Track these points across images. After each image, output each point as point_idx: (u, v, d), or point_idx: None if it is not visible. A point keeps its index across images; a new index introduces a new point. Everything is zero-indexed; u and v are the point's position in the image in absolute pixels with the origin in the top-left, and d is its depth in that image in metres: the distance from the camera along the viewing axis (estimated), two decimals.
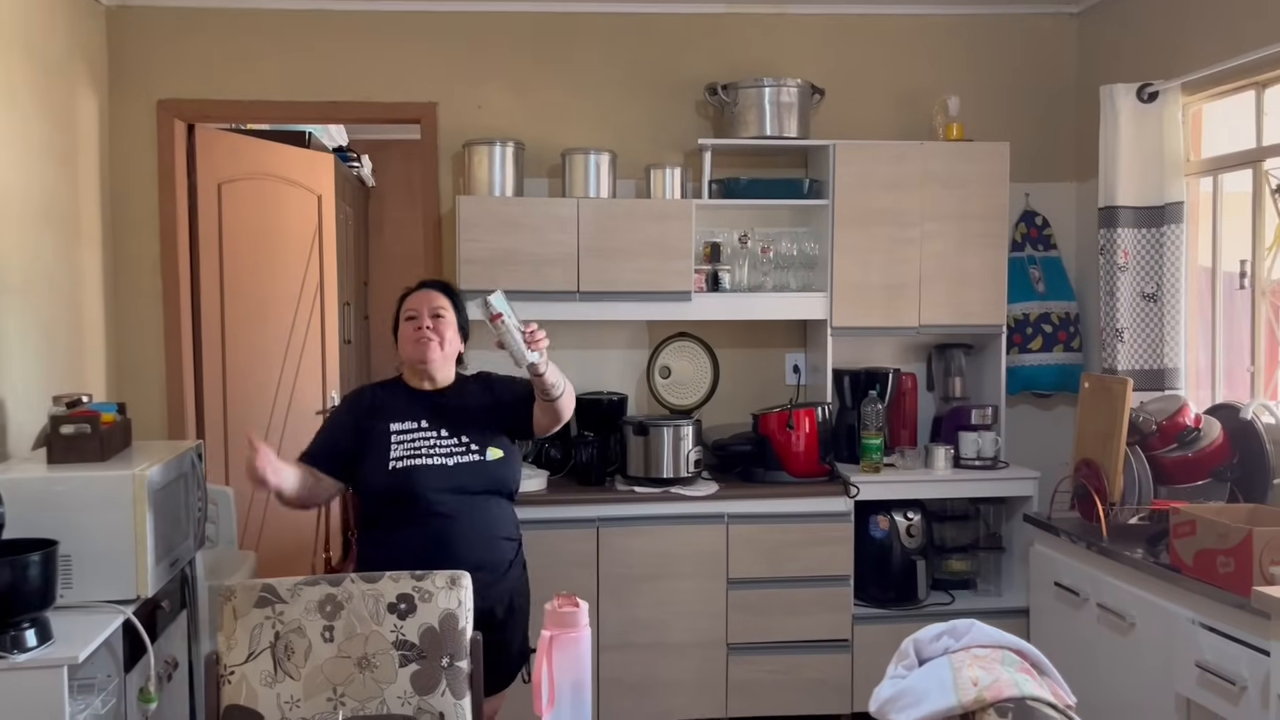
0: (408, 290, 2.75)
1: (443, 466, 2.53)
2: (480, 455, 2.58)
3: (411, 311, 2.66)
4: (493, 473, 2.59)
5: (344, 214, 5.47)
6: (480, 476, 2.56)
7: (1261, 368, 3.32)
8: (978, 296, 3.84)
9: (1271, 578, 2.38)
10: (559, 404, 2.59)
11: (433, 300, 2.67)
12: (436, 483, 2.51)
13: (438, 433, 2.59)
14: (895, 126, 4.08)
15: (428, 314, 2.64)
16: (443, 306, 2.67)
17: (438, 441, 2.57)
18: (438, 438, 2.58)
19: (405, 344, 2.65)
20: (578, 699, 1.69)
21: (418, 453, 2.54)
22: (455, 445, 2.57)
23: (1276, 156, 3.24)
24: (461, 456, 2.56)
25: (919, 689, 1.50)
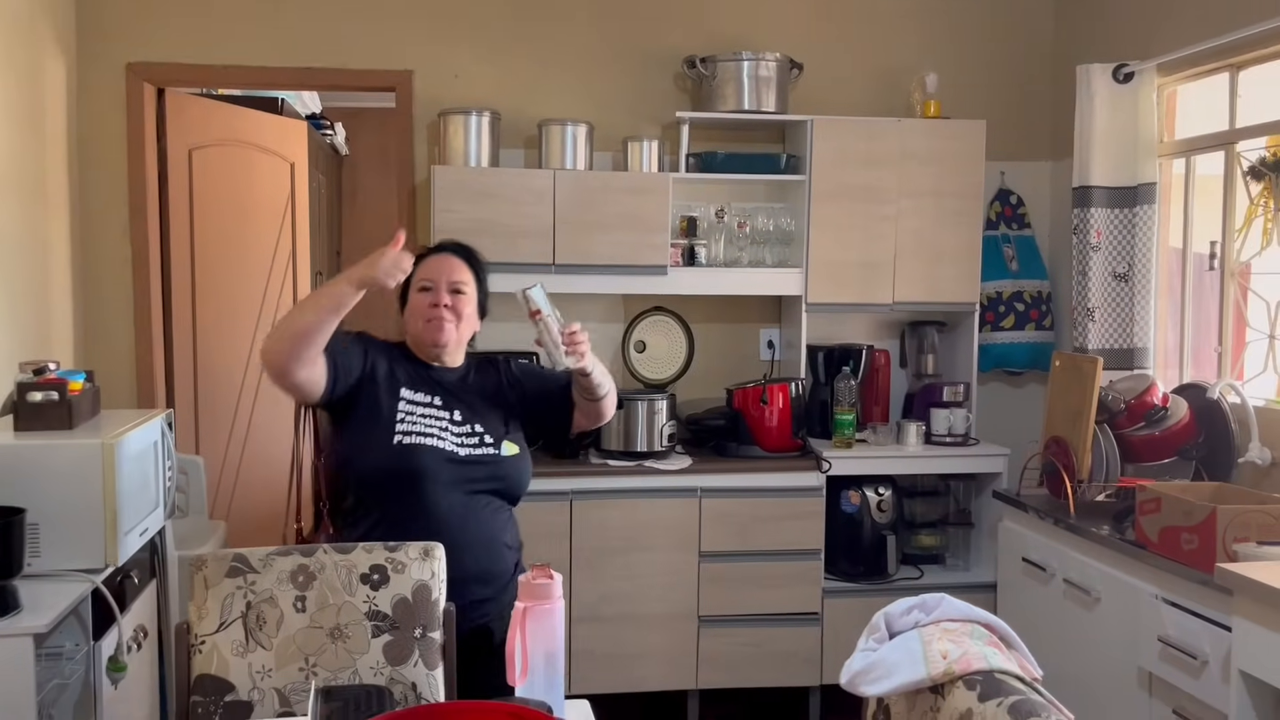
0: (424, 251, 2.36)
1: (453, 455, 2.20)
2: (494, 449, 2.24)
3: (426, 281, 2.26)
4: (505, 472, 2.26)
5: (317, 182, 5.41)
6: (491, 474, 2.24)
7: (1229, 348, 3.36)
8: (952, 274, 3.86)
9: (1234, 555, 2.43)
10: (602, 405, 2.32)
11: (453, 271, 2.28)
12: (444, 471, 2.17)
13: (450, 415, 2.24)
14: (873, 103, 4.08)
15: (445, 288, 2.26)
16: (464, 281, 2.29)
17: (450, 425, 2.23)
18: (450, 421, 2.24)
19: (415, 319, 2.27)
20: (550, 669, 1.70)
21: (429, 431, 2.20)
22: (467, 434, 2.24)
23: (1249, 139, 3.27)
24: (474, 448, 2.23)
25: (889, 661, 1.51)
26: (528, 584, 1.70)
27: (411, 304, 2.29)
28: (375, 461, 2.18)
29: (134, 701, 2.73)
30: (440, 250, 2.36)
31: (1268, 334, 3.22)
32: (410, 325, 2.29)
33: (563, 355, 2.14)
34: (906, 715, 1.53)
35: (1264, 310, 3.24)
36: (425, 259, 2.32)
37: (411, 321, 2.29)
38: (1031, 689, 1.39)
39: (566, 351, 2.14)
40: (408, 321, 2.30)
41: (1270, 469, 3.01)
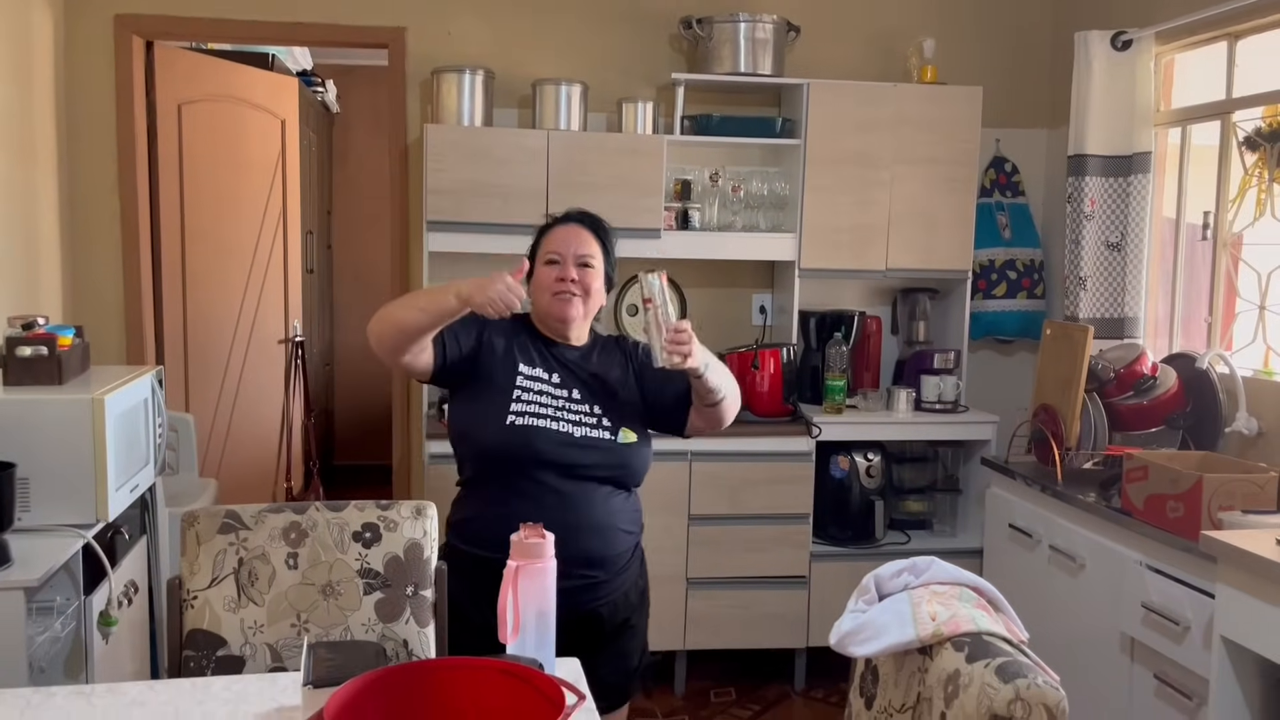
0: (550, 221, 2.31)
1: (569, 436, 2.14)
2: (612, 435, 2.18)
3: (554, 255, 2.22)
4: (621, 459, 2.19)
5: (308, 140, 5.36)
6: (606, 460, 2.17)
7: (1219, 319, 3.37)
8: (945, 241, 3.86)
9: (1219, 523, 2.45)
10: (720, 409, 2.22)
11: (581, 244, 2.24)
12: (559, 453, 2.12)
13: (569, 393, 2.19)
14: (870, 67, 4.05)
15: (573, 261, 2.21)
16: (591, 254, 2.24)
17: (568, 404, 2.18)
18: (568, 399, 2.18)
19: (541, 293, 2.21)
20: (542, 627, 1.71)
21: (544, 411, 2.15)
22: (586, 414, 2.18)
23: (1245, 109, 3.26)
24: (590, 430, 2.16)
25: (879, 623, 1.53)
26: (519, 543, 1.70)
27: (538, 278, 2.23)
28: (489, 438, 2.14)
29: (125, 656, 2.74)
30: (566, 220, 2.29)
31: (1258, 305, 3.23)
32: (536, 299, 2.24)
33: (660, 352, 2.05)
34: (894, 675, 1.55)
35: (1255, 281, 3.25)
36: (551, 230, 2.28)
37: (538, 296, 2.23)
38: (1018, 651, 1.41)
39: (666, 349, 2.04)
40: (534, 295, 2.24)
41: (1256, 439, 3.03)
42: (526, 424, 2.13)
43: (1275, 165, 3.15)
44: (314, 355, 5.62)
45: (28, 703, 1.66)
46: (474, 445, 2.20)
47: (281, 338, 4.73)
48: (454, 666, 1.49)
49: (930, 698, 1.43)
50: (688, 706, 3.64)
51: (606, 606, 2.22)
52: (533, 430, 2.12)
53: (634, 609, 2.31)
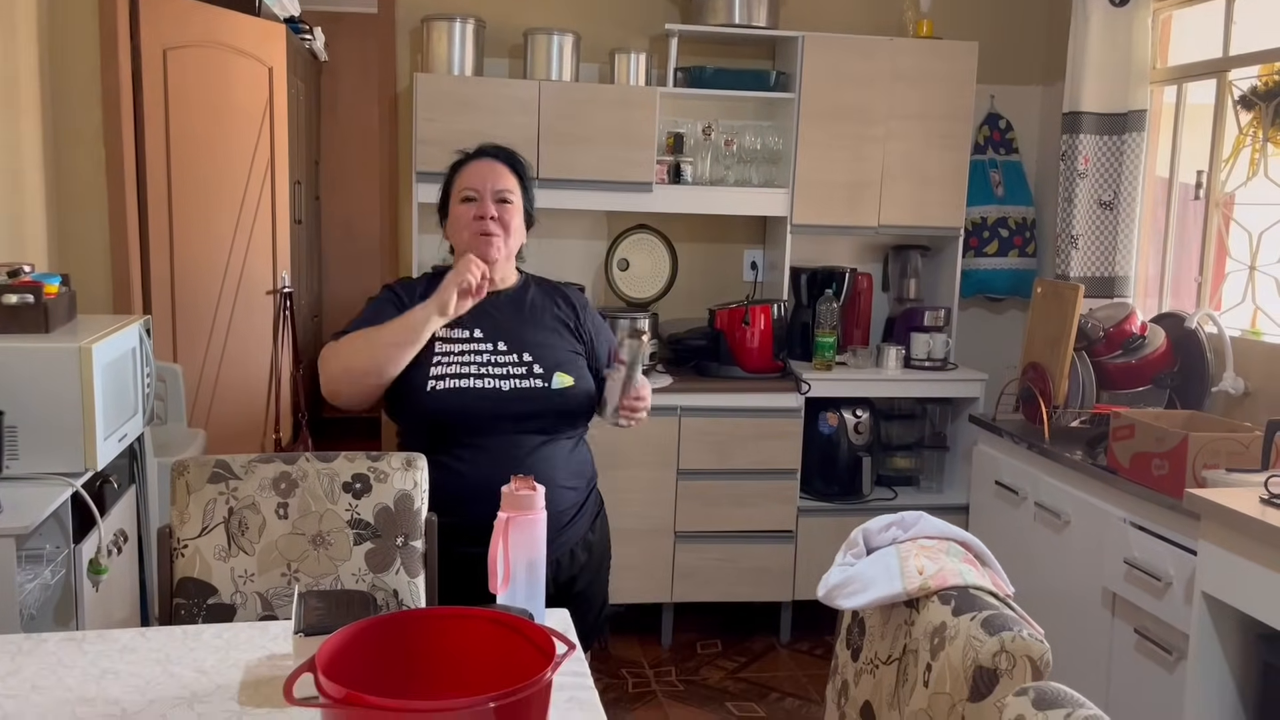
0: (462, 157, 2.17)
1: (496, 391, 2.05)
2: (545, 382, 2.08)
3: (470, 191, 2.10)
4: (556, 406, 2.09)
5: (295, 89, 5.28)
6: (540, 409, 2.07)
7: (1209, 278, 3.38)
8: (937, 198, 3.85)
9: (1203, 481, 2.47)
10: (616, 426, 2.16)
11: (498, 178, 2.12)
12: (486, 411, 2.04)
13: (493, 345, 2.09)
14: (865, 20, 4.01)
15: (490, 197, 2.10)
16: (509, 189, 2.13)
17: (493, 358, 2.08)
18: (493, 353, 2.08)
19: (459, 232, 2.11)
20: (532, 578, 1.72)
21: (465, 371, 2.05)
22: (514, 365, 2.08)
23: (1242, 67, 3.24)
24: (520, 380, 2.06)
25: (867, 576, 1.54)
26: (510, 495, 1.71)
27: (454, 216, 2.12)
28: (412, 410, 2.08)
29: (115, 603, 2.75)
30: (480, 155, 2.16)
31: (1248, 265, 3.24)
32: (455, 240, 2.14)
33: (614, 410, 2.09)
34: (881, 628, 1.57)
35: (1246, 241, 3.25)
36: (465, 166, 2.15)
37: (455, 236, 2.13)
38: (1004, 605, 1.42)
39: (622, 412, 2.08)
40: (451, 237, 2.15)
41: (1242, 398, 3.05)
42: (449, 387, 2.05)
43: (1270, 125, 3.14)
44: (302, 306, 5.59)
45: (19, 648, 1.66)
46: (401, 414, 2.14)
47: (270, 289, 4.70)
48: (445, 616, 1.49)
49: (916, 650, 1.45)
50: (674, 658, 3.68)
51: (565, 560, 2.17)
52: (456, 393, 2.04)
53: (582, 568, 2.21)
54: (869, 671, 1.58)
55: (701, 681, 3.52)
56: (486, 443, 2.07)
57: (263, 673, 1.61)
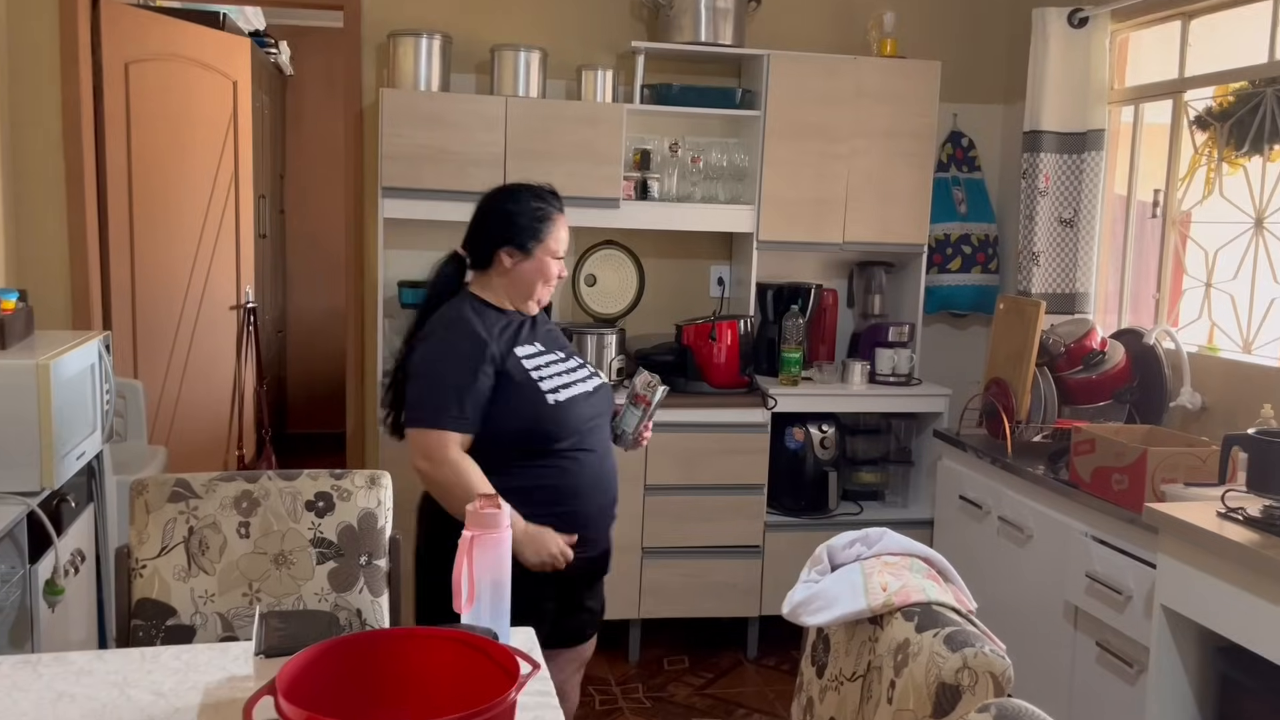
0: (547, 199, 2.33)
1: (589, 394, 2.30)
2: (602, 379, 2.39)
3: (562, 252, 2.34)
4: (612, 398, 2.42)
5: (260, 102, 5.25)
6: (609, 402, 2.38)
7: (1166, 295, 3.44)
8: (901, 215, 3.88)
9: (1162, 495, 2.51)
10: None
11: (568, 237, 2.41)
12: (593, 411, 2.30)
13: (562, 356, 2.34)
14: (830, 39, 4.05)
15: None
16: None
17: (568, 366, 2.33)
18: (562, 361, 2.32)
19: (536, 281, 2.29)
20: (497, 597, 1.71)
21: (566, 381, 2.28)
22: (582, 369, 2.35)
23: (1197, 88, 3.30)
24: (595, 381, 2.35)
25: (831, 593, 1.55)
26: (475, 513, 1.70)
27: (542, 269, 2.30)
28: (537, 423, 2.21)
29: (72, 625, 2.70)
30: (560, 207, 2.37)
31: (1204, 282, 3.30)
32: (527, 284, 2.30)
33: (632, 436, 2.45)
34: (846, 645, 1.57)
35: (1202, 259, 3.31)
36: (555, 220, 2.32)
37: (530, 281, 2.30)
38: (966, 620, 1.43)
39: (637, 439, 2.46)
40: (527, 277, 2.29)
41: (1200, 413, 3.10)
42: (569, 396, 2.26)
43: (1224, 145, 3.20)
44: (266, 322, 5.54)
45: None
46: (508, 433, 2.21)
47: (233, 304, 4.66)
48: (407, 636, 1.48)
49: (880, 666, 1.45)
50: (641, 674, 3.67)
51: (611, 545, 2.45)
52: (574, 400, 2.26)
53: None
54: (834, 688, 1.58)
55: (669, 698, 3.51)
56: (591, 439, 2.30)
57: (223, 695, 1.59)
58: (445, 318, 2.27)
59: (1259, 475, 2.22)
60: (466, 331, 2.22)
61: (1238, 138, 3.16)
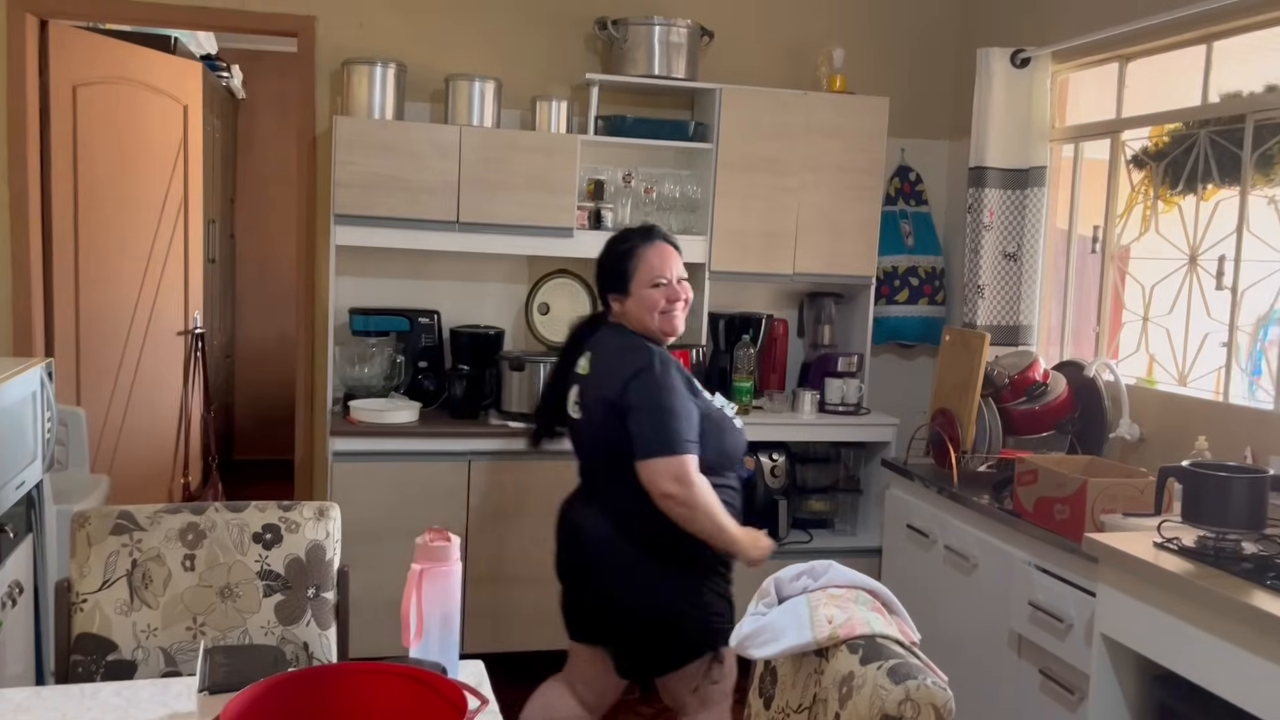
0: (630, 237, 2.54)
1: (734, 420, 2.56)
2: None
3: (661, 278, 2.47)
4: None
5: (211, 126, 5.21)
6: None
7: (1106, 328, 3.53)
8: (850, 248, 3.95)
9: (1102, 525, 2.57)
10: None
11: (677, 263, 2.53)
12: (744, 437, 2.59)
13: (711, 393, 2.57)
14: (781, 74, 4.12)
15: (675, 281, 2.50)
16: (683, 271, 2.54)
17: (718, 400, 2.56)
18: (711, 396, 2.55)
19: (648, 312, 2.47)
20: (446, 631, 1.71)
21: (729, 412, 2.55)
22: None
23: (1133, 128, 3.41)
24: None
25: (778, 625, 1.57)
26: (424, 546, 1.70)
27: (645, 298, 2.47)
28: (732, 447, 2.51)
29: (9, 659, 2.64)
30: (652, 239, 2.52)
31: (1142, 316, 3.39)
32: (643, 317, 2.48)
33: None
34: (793, 677, 1.59)
35: (1139, 293, 3.40)
36: (642, 250, 2.49)
37: (647, 314, 2.48)
38: (910, 653, 1.46)
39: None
40: (642, 313, 2.48)
41: (1138, 444, 3.18)
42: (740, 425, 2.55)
43: (1160, 184, 3.31)
44: (215, 347, 5.47)
45: None
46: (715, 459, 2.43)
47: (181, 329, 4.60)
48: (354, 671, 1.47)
49: (826, 699, 1.47)
50: None
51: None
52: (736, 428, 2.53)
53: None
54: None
55: None
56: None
57: None
58: (642, 350, 2.44)
59: (1192, 506, 2.28)
60: (673, 364, 2.44)
61: (1172, 177, 3.26)
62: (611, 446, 2.41)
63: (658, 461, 2.32)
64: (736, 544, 2.43)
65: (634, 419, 2.35)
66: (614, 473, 2.42)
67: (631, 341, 2.48)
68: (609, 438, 2.42)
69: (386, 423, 3.49)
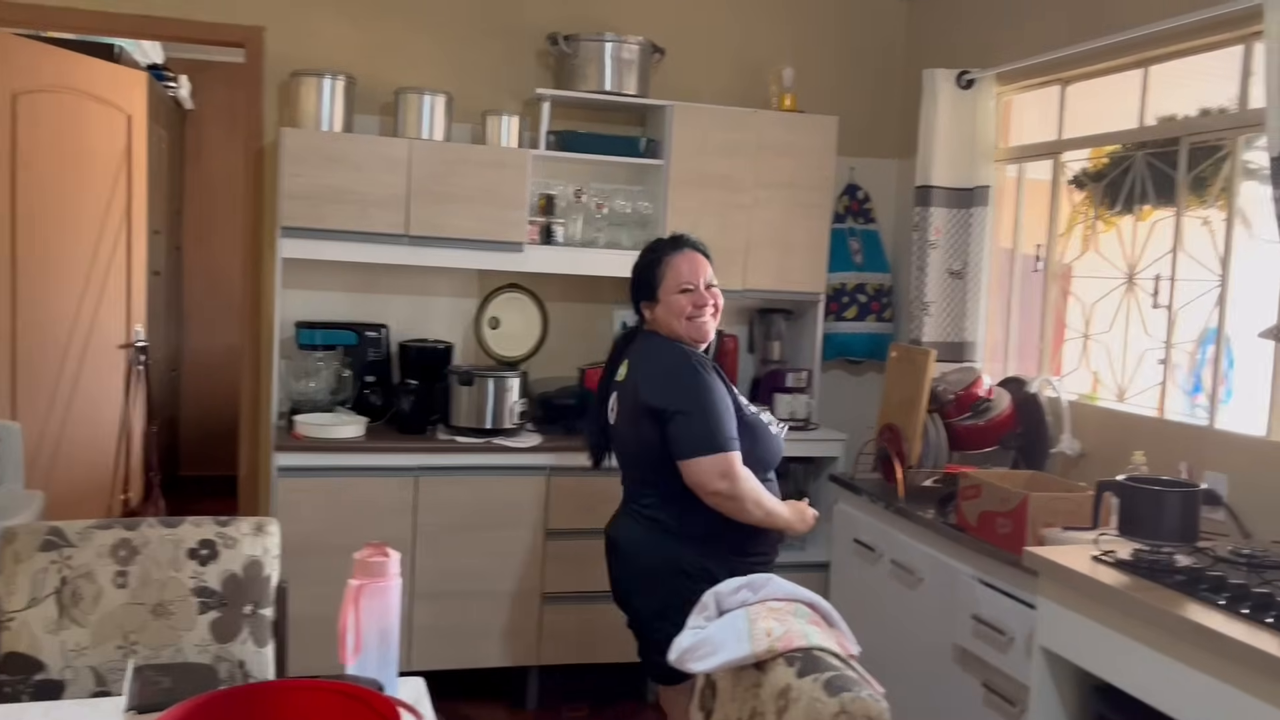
0: (659, 246, 2.63)
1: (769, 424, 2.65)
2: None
3: (689, 283, 2.55)
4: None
5: (157, 136, 5.14)
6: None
7: (1048, 345, 3.59)
8: (800, 264, 3.98)
9: (1042, 539, 2.60)
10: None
11: (705, 269, 2.59)
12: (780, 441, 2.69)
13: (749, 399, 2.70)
14: (732, 92, 4.15)
15: (703, 287, 2.56)
16: (713, 277, 2.61)
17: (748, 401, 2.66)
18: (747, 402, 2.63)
19: (676, 319, 2.56)
20: (384, 647, 1.68)
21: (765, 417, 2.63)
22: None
23: (1073, 150, 3.48)
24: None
25: (717, 639, 1.57)
26: (362, 561, 1.67)
27: (671, 303, 2.55)
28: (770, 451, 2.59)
29: None
30: (681, 248, 2.61)
31: (1083, 334, 3.45)
32: (674, 323, 2.57)
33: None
34: (731, 691, 1.59)
35: (1080, 311, 3.47)
36: (670, 258, 2.58)
37: (675, 320, 2.56)
38: (847, 665, 1.46)
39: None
40: (670, 319, 2.57)
41: (1079, 459, 3.23)
42: (776, 430, 2.63)
43: (1099, 204, 3.37)
44: (159, 361, 5.38)
45: None
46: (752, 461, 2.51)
47: (123, 342, 4.51)
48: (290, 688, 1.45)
49: (764, 712, 1.47)
50: None
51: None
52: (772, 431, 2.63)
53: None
54: None
55: None
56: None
57: None
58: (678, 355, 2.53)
59: (1129, 520, 2.32)
60: (709, 365, 2.54)
61: (1111, 198, 3.34)
62: (645, 449, 2.51)
63: (703, 460, 2.40)
64: (788, 524, 2.58)
65: (675, 422, 2.44)
66: (648, 475, 2.53)
67: (666, 346, 2.57)
68: (643, 440, 2.51)
69: (332, 437, 3.45)
